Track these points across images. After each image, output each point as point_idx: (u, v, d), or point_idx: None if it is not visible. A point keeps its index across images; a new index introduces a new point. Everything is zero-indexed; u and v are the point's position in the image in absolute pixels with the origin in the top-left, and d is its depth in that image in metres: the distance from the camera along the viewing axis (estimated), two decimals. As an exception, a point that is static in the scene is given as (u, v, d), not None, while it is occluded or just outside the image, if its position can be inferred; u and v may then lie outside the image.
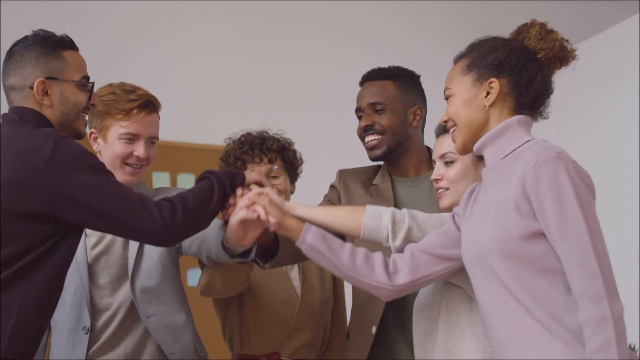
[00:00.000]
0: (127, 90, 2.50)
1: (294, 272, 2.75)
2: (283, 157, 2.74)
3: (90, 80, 2.19)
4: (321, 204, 2.67)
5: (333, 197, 2.69)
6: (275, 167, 2.70)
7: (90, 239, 2.49)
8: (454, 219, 2.14)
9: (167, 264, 2.53)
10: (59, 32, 2.19)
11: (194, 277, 4.13)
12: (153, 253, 2.50)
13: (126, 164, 2.47)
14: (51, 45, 2.14)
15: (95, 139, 2.50)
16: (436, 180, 2.30)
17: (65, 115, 2.14)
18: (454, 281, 2.18)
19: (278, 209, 2.18)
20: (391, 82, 2.66)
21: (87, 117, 2.23)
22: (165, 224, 2.02)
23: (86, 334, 2.43)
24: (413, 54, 4.86)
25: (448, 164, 2.28)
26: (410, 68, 2.74)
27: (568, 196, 1.86)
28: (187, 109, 4.43)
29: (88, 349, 2.44)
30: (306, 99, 4.68)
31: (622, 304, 1.83)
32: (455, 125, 2.09)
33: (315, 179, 3.08)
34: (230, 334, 2.72)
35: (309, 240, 2.13)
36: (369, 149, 2.64)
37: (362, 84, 2.71)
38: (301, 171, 2.85)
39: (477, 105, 2.06)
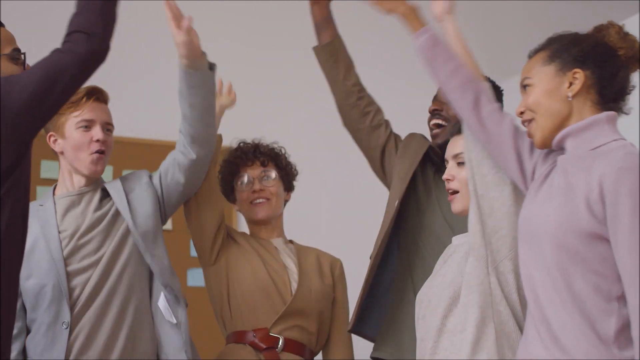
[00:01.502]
0: None
1: (291, 262, 2.80)
2: (276, 162, 2.83)
3: (23, 51, 2.21)
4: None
5: (391, 142, 2.82)
6: (273, 174, 2.80)
7: (63, 234, 2.54)
8: (531, 149, 2.10)
9: (156, 215, 2.65)
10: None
11: (193, 277, 4.14)
12: (145, 201, 2.63)
13: (89, 154, 2.57)
14: None
15: (55, 140, 2.61)
16: (447, 180, 2.30)
17: None
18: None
19: None
20: None
21: None
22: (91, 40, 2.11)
23: (66, 328, 2.46)
24: (413, 54, 4.86)
25: (460, 164, 2.28)
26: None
27: None
28: (187, 109, 4.43)
29: (68, 346, 2.47)
30: (306, 99, 4.68)
31: None
32: (532, 118, 2.04)
33: (315, 179, 3.09)
34: (222, 314, 2.76)
35: (421, 41, 2.21)
36: (432, 136, 2.75)
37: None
38: (295, 180, 2.89)
39: (560, 95, 2.02)
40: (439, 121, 2.70)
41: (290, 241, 2.93)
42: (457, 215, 2.36)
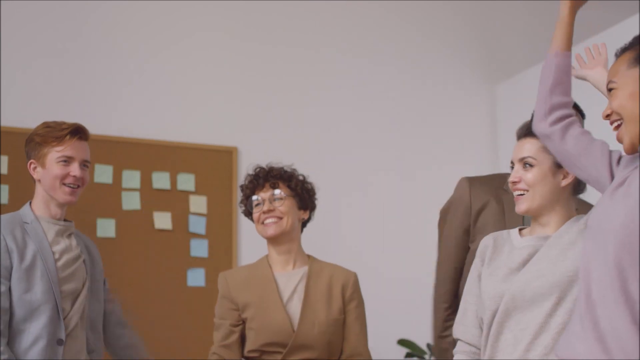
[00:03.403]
0: (59, 123, 2.84)
1: (298, 301, 2.87)
2: (288, 184, 2.97)
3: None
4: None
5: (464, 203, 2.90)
6: (279, 191, 2.93)
7: (56, 259, 2.75)
8: (610, 156, 2.08)
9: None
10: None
11: (193, 277, 4.13)
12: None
13: (64, 185, 2.79)
14: None
15: (35, 168, 2.82)
16: (514, 182, 2.32)
17: None
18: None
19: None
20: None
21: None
22: None
23: (60, 345, 2.69)
24: (413, 58, 4.87)
25: (527, 167, 2.31)
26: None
27: None
28: (188, 110, 4.43)
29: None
30: (307, 99, 4.69)
31: None
32: (619, 119, 2.02)
33: (317, 181, 3.12)
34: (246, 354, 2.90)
35: (558, 60, 2.18)
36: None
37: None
38: (313, 198, 3.00)
39: None
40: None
41: (309, 256, 3.00)
42: None
